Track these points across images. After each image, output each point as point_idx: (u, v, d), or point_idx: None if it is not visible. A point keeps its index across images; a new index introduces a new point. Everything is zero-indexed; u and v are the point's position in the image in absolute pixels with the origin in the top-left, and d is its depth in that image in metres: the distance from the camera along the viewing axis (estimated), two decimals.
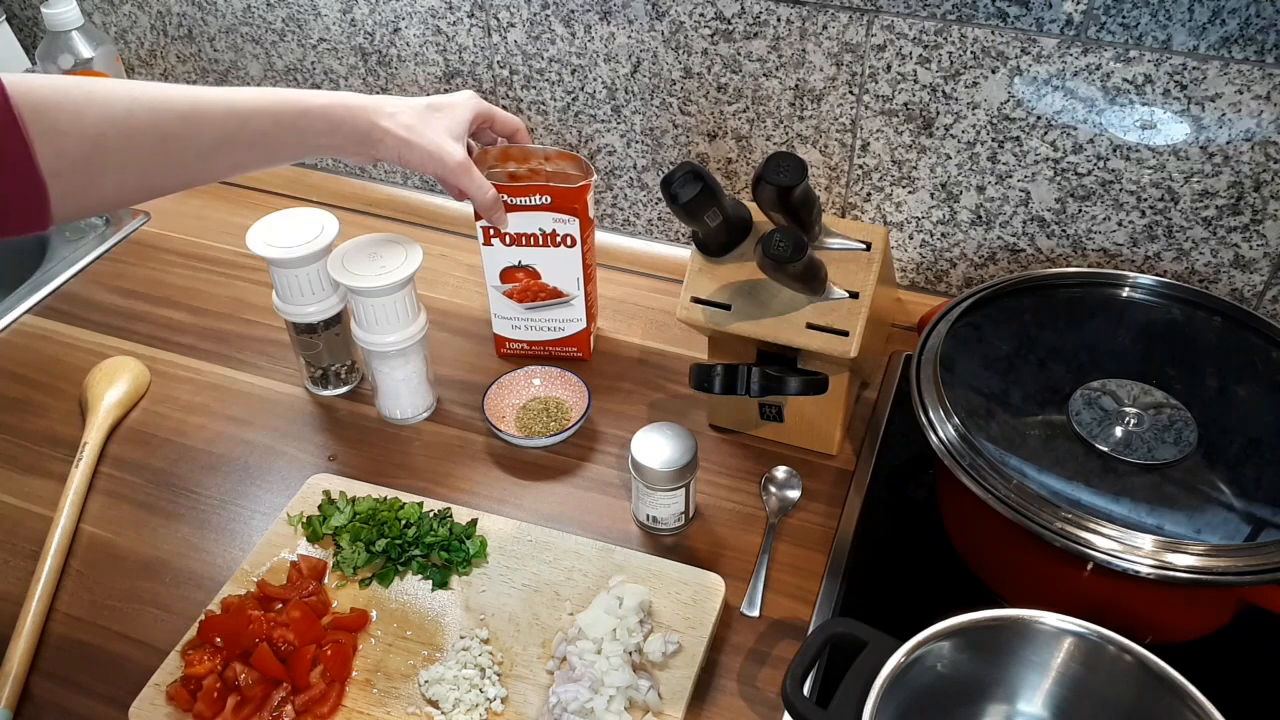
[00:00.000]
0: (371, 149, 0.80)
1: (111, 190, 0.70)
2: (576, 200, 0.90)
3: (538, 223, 0.91)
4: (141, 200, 0.75)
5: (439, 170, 0.83)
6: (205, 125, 0.72)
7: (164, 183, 0.74)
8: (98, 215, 0.81)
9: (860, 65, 0.93)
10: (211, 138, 0.72)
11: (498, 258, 0.95)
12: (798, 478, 0.89)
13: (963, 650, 0.65)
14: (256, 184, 1.28)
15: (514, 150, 0.93)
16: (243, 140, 0.74)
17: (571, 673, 0.72)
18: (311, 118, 0.76)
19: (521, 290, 0.97)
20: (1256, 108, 0.83)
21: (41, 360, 1.04)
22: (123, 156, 0.68)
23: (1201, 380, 0.81)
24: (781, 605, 0.80)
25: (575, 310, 0.98)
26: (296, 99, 0.76)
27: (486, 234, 0.93)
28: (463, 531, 0.83)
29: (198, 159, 0.73)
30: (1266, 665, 0.76)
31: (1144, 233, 0.93)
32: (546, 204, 0.90)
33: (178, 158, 0.72)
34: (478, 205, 0.88)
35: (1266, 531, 0.70)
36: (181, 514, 0.89)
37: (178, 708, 0.72)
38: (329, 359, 0.98)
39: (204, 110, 0.72)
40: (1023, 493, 0.71)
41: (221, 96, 0.73)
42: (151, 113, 0.69)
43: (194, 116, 0.71)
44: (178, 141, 0.71)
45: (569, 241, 0.92)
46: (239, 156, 0.76)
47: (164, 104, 0.70)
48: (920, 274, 1.06)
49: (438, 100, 0.84)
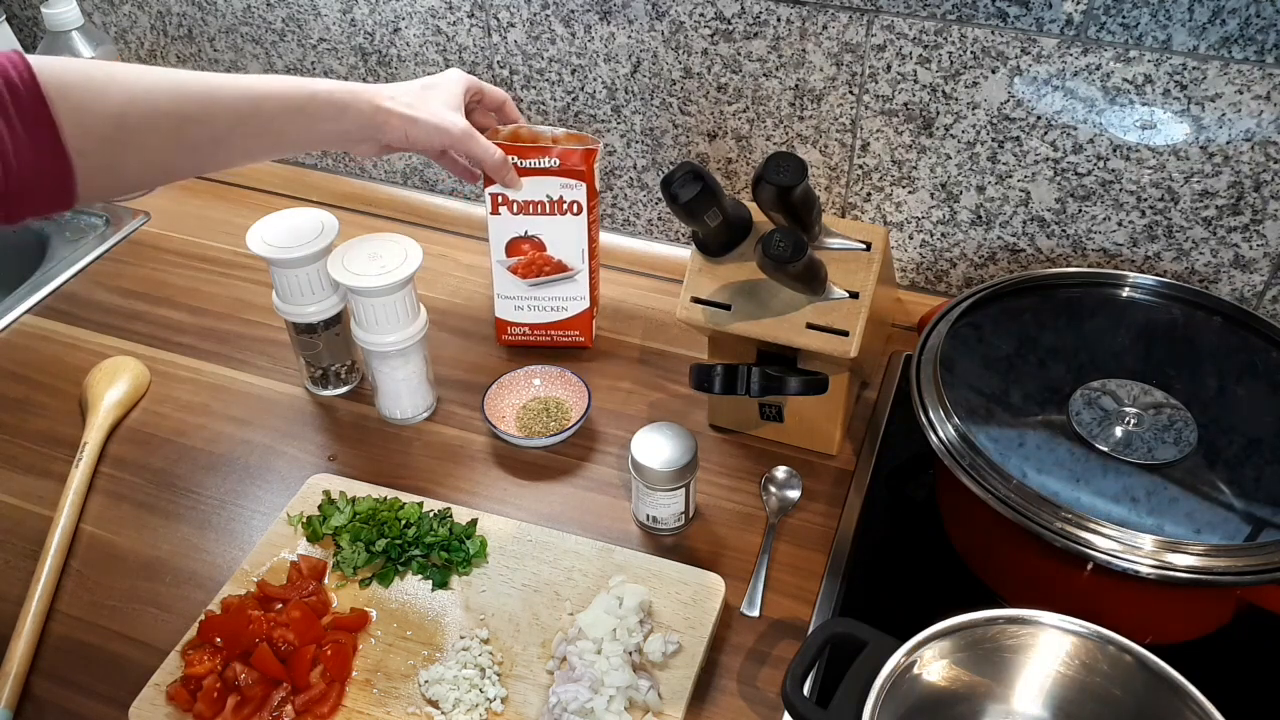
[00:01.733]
0: (376, 132, 0.82)
1: (133, 170, 0.72)
2: (584, 163, 0.91)
3: (545, 189, 0.92)
4: (159, 184, 0.77)
5: (446, 140, 0.84)
6: (220, 109, 0.74)
7: (181, 166, 0.77)
8: (119, 196, 0.83)
9: (860, 65, 0.93)
10: (226, 122, 0.74)
11: (505, 228, 0.95)
12: (798, 478, 0.89)
13: (963, 650, 0.65)
14: (256, 184, 1.28)
15: (522, 132, 0.94)
16: (255, 125, 0.76)
17: (571, 673, 0.72)
18: (319, 102, 0.78)
19: (526, 264, 0.97)
20: (1256, 108, 0.83)
21: (41, 360, 1.04)
22: (143, 137, 0.70)
23: (1201, 380, 0.81)
24: (781, 605, 0.80)
25: (579, 287, 0.98)
26: (304, 84, 0.78)
27: (495, 201, 0.93)
28: (463, 531, 0.83)
29: (212, 143, 0.75)
30: (1266, 665, 0.76)
31: (1144, 233, 0.93)
32: (554, 167, 0.91)
33: (194, 140, 0.74)
34: (487, 167, 0.89)
35: (1266, 531, 0.70)
36: (181, 514, 0.89)
37: (178, 708, 0.72)
38: (329, 359, 0.98)
39: (219, 94, 0.74)
40: (1023, 493, 0.71)
41: (235, 81, 0.75)
42: (170, 95, 0.71)
43: (210, 100, 0.73)
44: (195, 124, 0.73)
45: (575, 209, 0.93)
46: (250, 143, 0.77)
47: (182, 87, 0.72)
48: (920, 274, 1.06)
49: (429, 80, 0.87)
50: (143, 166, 0.73)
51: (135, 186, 0.73)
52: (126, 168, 0.71)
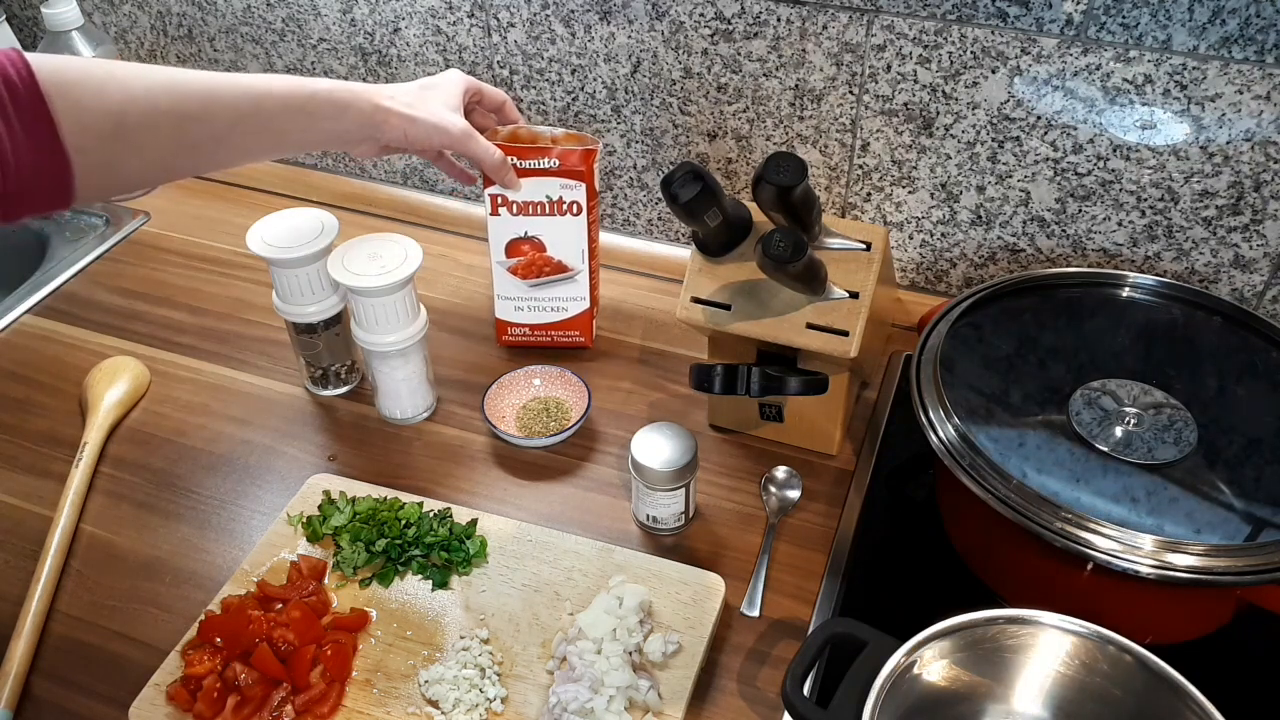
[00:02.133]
0: (375, 131, 0.82)
1: (132, 169, 0.72)
2: (584, 163, 0.91)
3: (545, 189, 0.92)
4: (158, 183, 0.77)
5: (445, 140, 0.84)
6: (220, 107, 0.74)
7: (180, 165, 0.76)
8: (119, 195, 0.83)
9: (860, 65, 0.93)
10: (226, 120, 0.74)
11: (504, 229, 0.95)
12: (798, 478, 0.89)
13: (963, 650, 0.65)
14: (256, 184, 1.28)
15: (521, 131, 0.94)
16: (255, 124, 0.76)
17: (571, 673, 0.72)
18: (319, 101, 0.78)
19: (526, 265, 0.97)
20: (1256, 108, 0.83)
21: (41, 360, 1.04)
22: (142, 135, 0.70)
23: (1201, 380, 0.81)
24: (781, 605, 0.80)
25: (579, 287, 0.98)
26: (304, 83, 0.78)
27: (494, 203, 0.93)
28: (463, 531, 0.83)
29: (212, 141, 0.75)
30: (1266, 665, 0.76)
31: (1144, 233, 0.93)
32: (554, 168, 0.91)
33: (193, 139, 0.73)
34: (487, 168, 0.89)
35: (1266, 531, 0.70)
36: (181, 514, 0.89)
37: (178, 708, 0.72)
38: (329, 359, 0.98)
39: (219, 93, 0.74)
40: (1023, 493, 0.71)
41: (234, 80, 0.75)
42: (170, 93, 0.71)
43: (210, 98, 0.73)
44: (195, 123, 0.73)
45: (575, 209, 0.93)
46: (250, 142, 0.77)
47: (182, 85, 0.72)
48: (920, 274, 1.06)
49: (428, 81, 0.87)
50: (142, 165, 0.72)
51: (135, 185, 0.73)
52: (126, 166, 0.71)
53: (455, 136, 0.85)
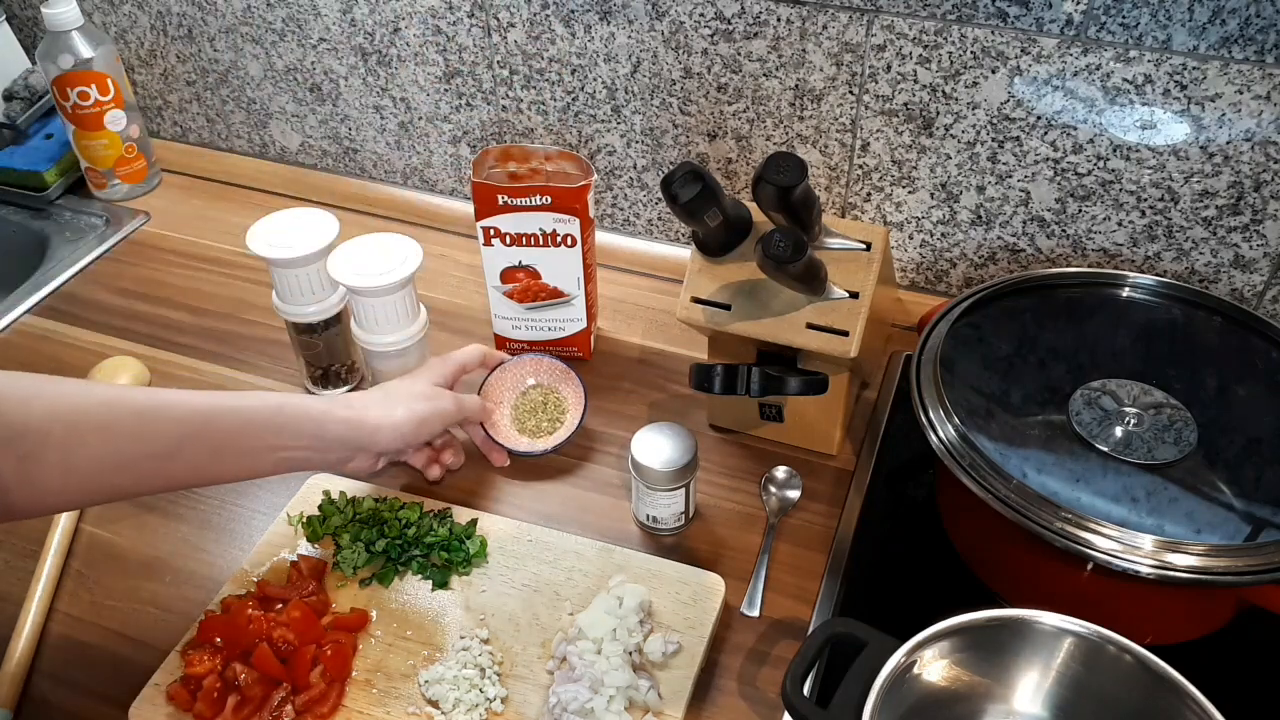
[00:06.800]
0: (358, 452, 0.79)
1: (53, 490, 0.66)
2: (577, 200, 0.90)
3: (538, 223, 0.91)
4: (88, 505, 0.74)
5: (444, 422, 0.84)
6: (163, 423, 0.69)
7: (115, 485, 0.69)
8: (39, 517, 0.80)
9: (860, 65, 0.93)
10: (170, 437, 0.69)
11: (498, 258, 0.95)
12: (798, 478, 0.89)
13: (963, 650, 0.65)
14: (256, 184, 1.28)
15: (514, 150, 0.93)
16: (206, 439, 0.71)
17: (571, 673, 0.72)
18: (289, 414, 0.74)
19: (522, 290, 0.97)
20: (1256, 108, 0.83)
21: (41, 360, 1.04)
22: (67, 455, 0.65)
23: (1201, 380, 0.81)
24: (781, 605, 0.80)
25: (575, 310, 0.98)
26: (274, 396, 0.75)
27: (487, 235, 0.93)
28: (463, 531, 0.83)
29: (152, 460, 0.69)
30: (1266, 665, 0.76)
31: (1144, 233, 0.93)
32: (547, 204, 0.90)
33: (130, 458, 0.68)
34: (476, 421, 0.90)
35: (1266, 531, 0.70)
36: (181, 514, 0.89)
37: (178, 708, 0.72)
38: (329, 359, 0.98)
39: (163, 408, 0.69)
40: (1023, 493, 0.71)
41: (186, 396, 0.71)
42: (106, 409, 0.67)
43: (151, 413, 0.69)
44: (131, 441, 0.68)
45: (569, 241, 0.92)
46: (201, 460, 0.71)
47: (120, 402, 0.68)
48: (920, 274, 1.06)
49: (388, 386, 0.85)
50: (65, 488, 0.66)
51: (56, 509, 0.69)
52: (46, 486, 0.65)
53: (451, 414, 0.84)
